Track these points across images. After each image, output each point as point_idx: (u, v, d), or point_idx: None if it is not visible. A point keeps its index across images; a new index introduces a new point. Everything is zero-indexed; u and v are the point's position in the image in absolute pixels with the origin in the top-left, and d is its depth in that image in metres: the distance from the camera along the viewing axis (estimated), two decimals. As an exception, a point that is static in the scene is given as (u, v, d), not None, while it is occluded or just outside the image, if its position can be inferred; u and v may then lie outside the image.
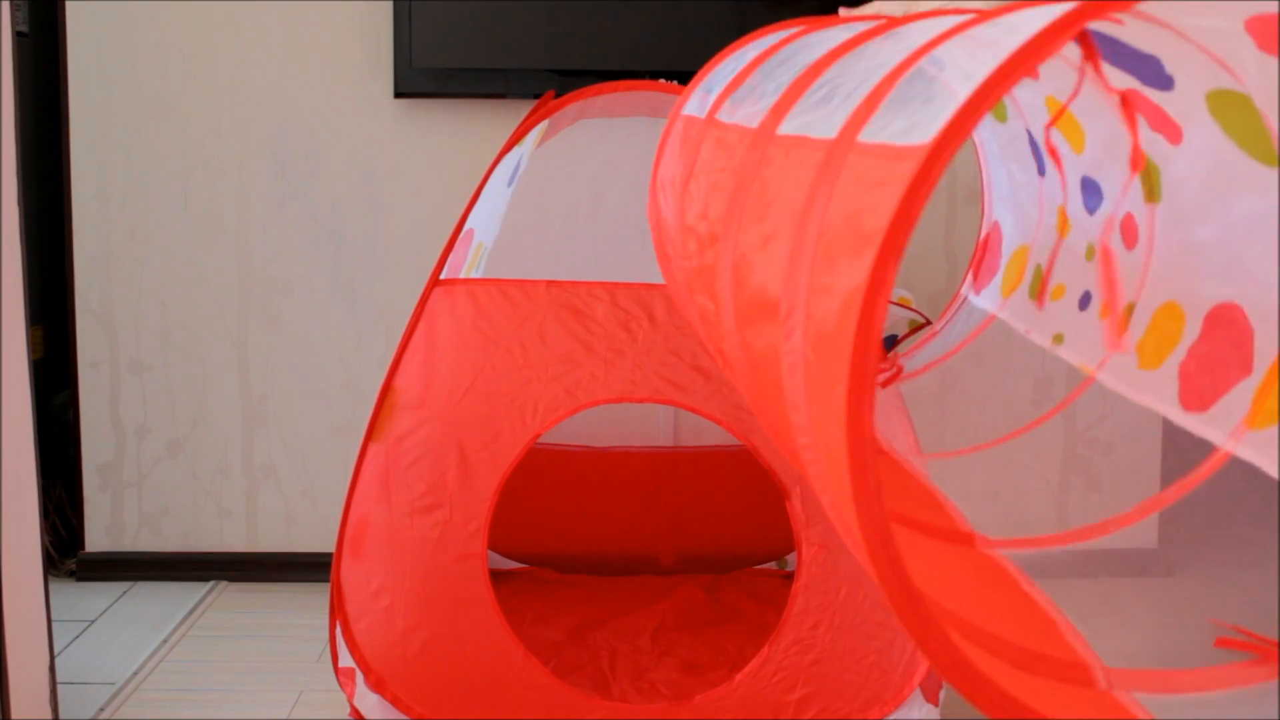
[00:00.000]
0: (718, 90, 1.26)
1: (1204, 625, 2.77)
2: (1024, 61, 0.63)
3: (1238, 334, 1.10)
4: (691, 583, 2.70)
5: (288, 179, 2.89)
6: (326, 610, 2.18)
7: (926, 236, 2.92)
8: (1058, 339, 1.50)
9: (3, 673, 1.91)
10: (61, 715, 2.12)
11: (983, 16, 0.81)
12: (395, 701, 2.06)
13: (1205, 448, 1.21)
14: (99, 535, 2.95)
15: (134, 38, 2.84)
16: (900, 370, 1.79)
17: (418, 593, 2.05)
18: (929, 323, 2.60)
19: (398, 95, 2.83)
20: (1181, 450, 3.38)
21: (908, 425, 2.08)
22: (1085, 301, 1.44)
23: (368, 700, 2.08)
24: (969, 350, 1.81)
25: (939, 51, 0.83)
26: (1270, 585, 2.96)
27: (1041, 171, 1.46)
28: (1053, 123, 1.33)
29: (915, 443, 2.03)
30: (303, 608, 2.76)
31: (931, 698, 2.01)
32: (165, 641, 2.60)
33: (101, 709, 2.29)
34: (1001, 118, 1.52)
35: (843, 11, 1.31)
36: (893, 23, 1.00)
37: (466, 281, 2.11)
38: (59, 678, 2.15)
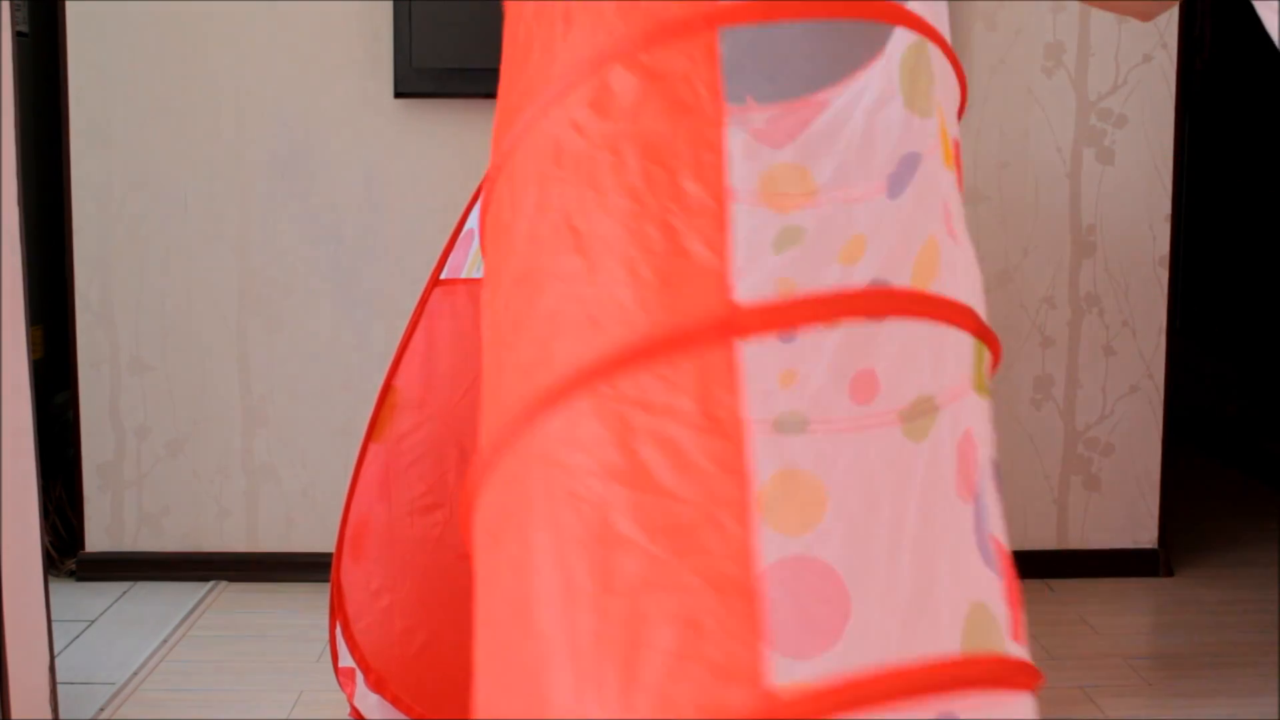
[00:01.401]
0: None
1: (1204, 625, 2.77)
2: None
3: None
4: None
5: (288, 179, 2.89)
6: (326, 610, 2.18)
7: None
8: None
9: (3, 673, 1.91)
10: (61, 715, 2.12)
11: None
12: (395, 701, 2.06)
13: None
14: (99, 535, 2.95)
15: (134, 38, 2.84)
16: None
17: (418, 593, 2.05)
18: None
19: (398, 95, 2.83)
20: (1181, 450, 3.39)
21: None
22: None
23: (368, 700, 2.08)
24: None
25: None
26: (1270, 585, 2.96)
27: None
28: None
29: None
30: (303, 608, 2.76)
31: (931, 698, 2.01)
32: (165, 641, 2.60)
33: (101, 709, 2.29)
34: None
35: None
36: None
37: (467, 281, 2.11)
38: (59, 678, 2.15)
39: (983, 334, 1.04)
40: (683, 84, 1.03)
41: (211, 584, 2.91)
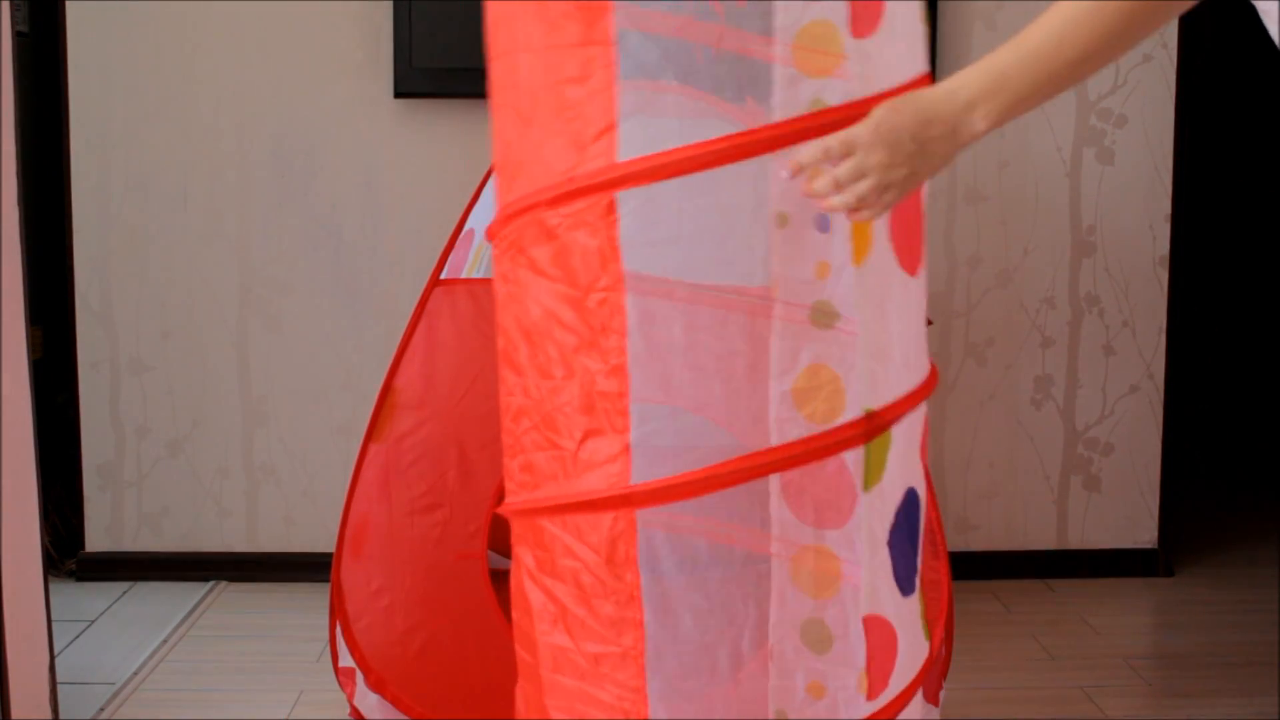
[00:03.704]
0: None
1: (1204, 625, 2.77)
2: None
3: None
4: (691, 583, 2.70)
5: (288, 179, 2.89)
6: (326, 610, 2.18)
7: (926, 236, 2.92)
8: None
9: (3, 673, 1.91)
10: (61, 715, 2.12)
11: None
12: (395, 701, 2.06)
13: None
14: (99, 535, 2.95)
15: (134, 38, 2.84)
16: None
17: (418, 593, 2.05)
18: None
19: (398, 95, 2.83)
20: (1181, 450, 3.38)
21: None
22: None
23: (368, 700, 2.08)
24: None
25: None
26: (1270, 585, 2.96)
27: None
28: None
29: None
30: (303, 608, 2.76)
31: (931, 698, 2.01)
32: (165, 641, 2.60)
33: (101, 709, 2.29)
34: None
35: None
36: None
37: (467, 281, 2.11)
38: (59, 678, 2.15)
39: None
40: None
41: (211, 584, 2.91)
